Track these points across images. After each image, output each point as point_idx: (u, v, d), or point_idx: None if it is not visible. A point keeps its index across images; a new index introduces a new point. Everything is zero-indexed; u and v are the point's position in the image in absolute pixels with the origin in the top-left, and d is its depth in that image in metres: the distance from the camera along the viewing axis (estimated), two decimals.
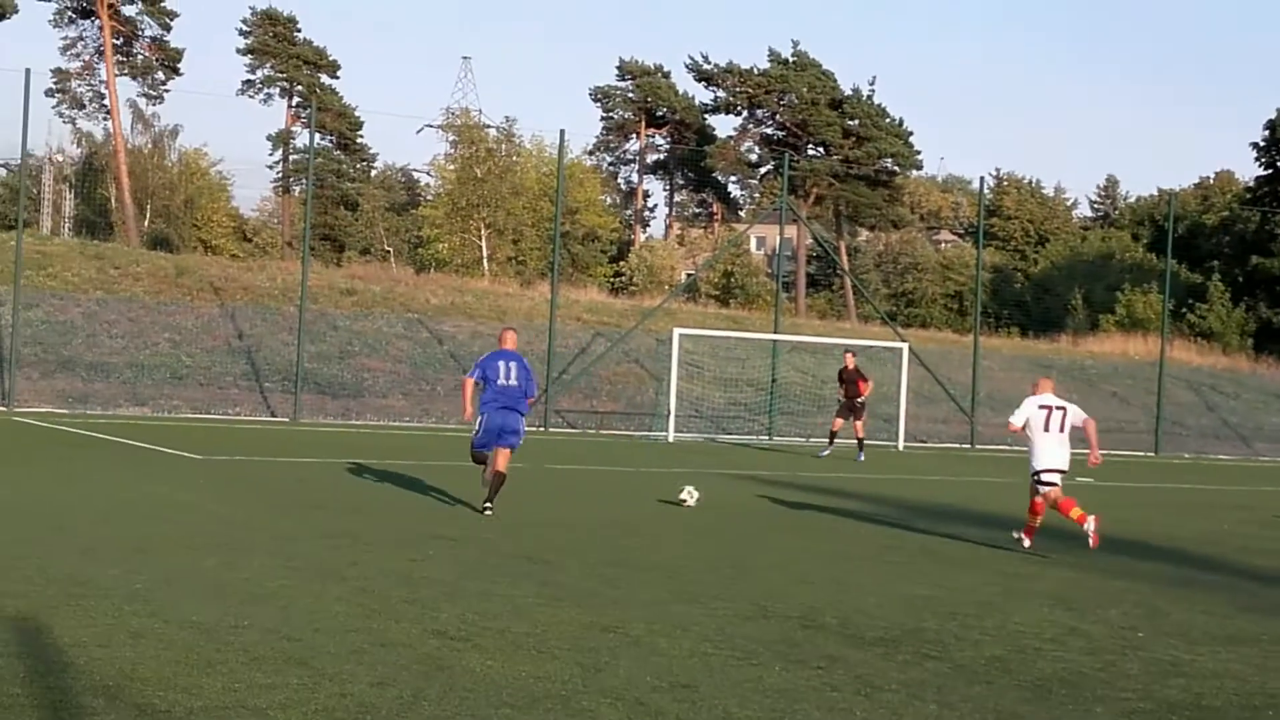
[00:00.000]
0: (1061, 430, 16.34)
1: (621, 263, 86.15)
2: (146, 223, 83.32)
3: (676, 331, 39.79)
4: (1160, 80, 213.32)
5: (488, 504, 16.94)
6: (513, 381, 17.44)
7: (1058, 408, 16.43)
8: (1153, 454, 43.65)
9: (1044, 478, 16.24)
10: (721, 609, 10.76)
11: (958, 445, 42.94)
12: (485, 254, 75.19)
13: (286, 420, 35.36)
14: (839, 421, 33.58)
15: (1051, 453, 16.30)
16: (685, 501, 19.11)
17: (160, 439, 26.56)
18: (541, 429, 37.65)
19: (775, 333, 44.54)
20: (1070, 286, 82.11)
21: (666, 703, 7.68)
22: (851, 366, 33.68)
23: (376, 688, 7.68)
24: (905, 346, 42.61)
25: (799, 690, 8.15)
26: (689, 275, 76.59)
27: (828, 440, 34.10)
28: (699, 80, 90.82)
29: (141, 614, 9.36)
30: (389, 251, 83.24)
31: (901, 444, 40.06)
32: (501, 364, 17.53)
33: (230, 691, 7.44)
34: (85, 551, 12.04)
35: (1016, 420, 16.55)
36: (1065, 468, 16.44)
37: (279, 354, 41.00)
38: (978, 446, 42.33)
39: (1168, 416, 46.96)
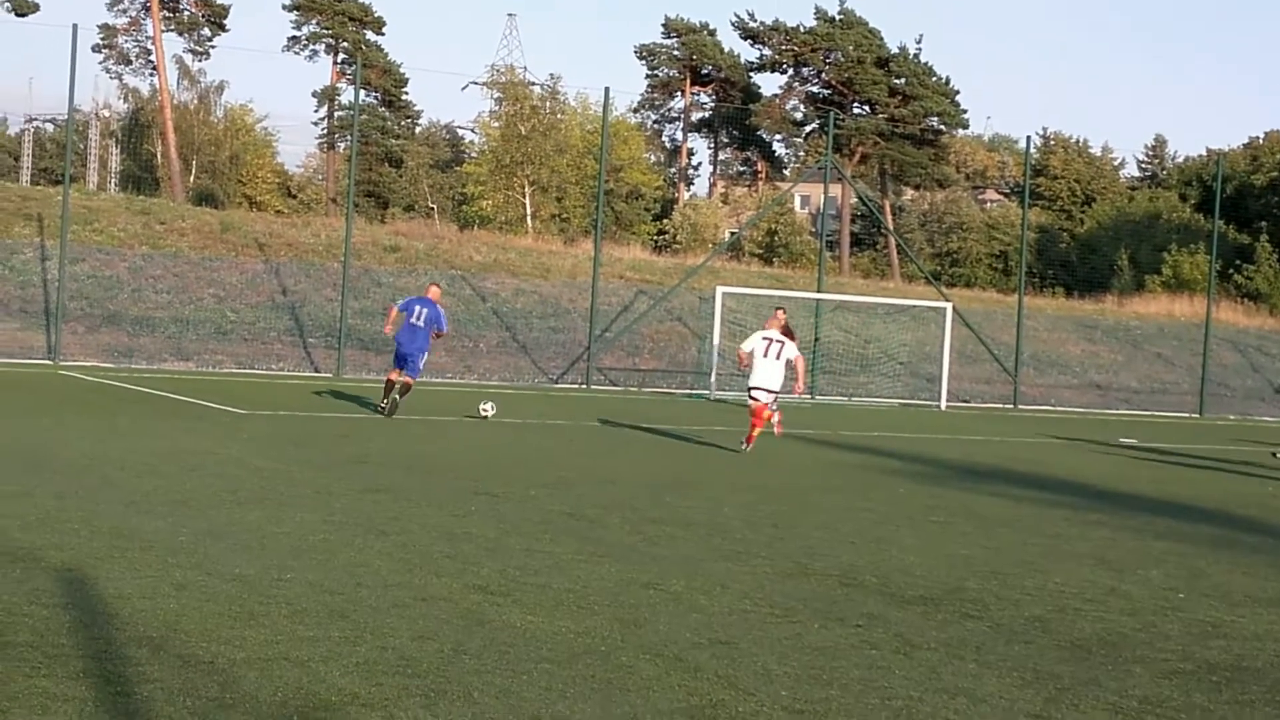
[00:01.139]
0: (777, 359, 21.00)
1: (665, 221, 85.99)
2: (192, 178, 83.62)
3: (719, 290, 39.75)
4: (1209, 39, 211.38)
5: (383, 405, 23.42)
6: (419, 322, 23.67)
7: (777, 341, 21.15)
8: (1197, 415, 43.42)
9: (753, 393, 20.99)
10: (761, 566, 10.78)
11: (1001, 405, 42.82)
12: (529, 211, 75.18)
13: (330, 376, 35.51)
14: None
15: (763, 374, 20.97)
16: (485, 414, 24.01)
17: (204, 394, 26.70)
18: (583, 386, 37.71)
19: (818, 292, 44.43)
20: (1116, 247, 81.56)
21: (705, 659, 7.70)
22: (783, 323, 33.91)
23: (417, 641, 7.73)
24: (949, 306, 42.46)
25: (838, 648, 8.16)
26: (732, 233, 76.46)
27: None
28: (744, 38, 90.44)
29: (185, 566, 9.42)
30: (433, 208, 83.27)
31: (944, 403, 39.97)
32: (417, 306, 24.08)
33: (273, 644, 7.49)
34: (130, 504, 12.13)
35: (745, 347, 21.39)
36: (774, 388, 20.99)
37: (322, 310, 41.15)
38: (1020, 407, 42.19)
39: (1213, 378, 46.71)
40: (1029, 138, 51.66)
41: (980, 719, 6.84)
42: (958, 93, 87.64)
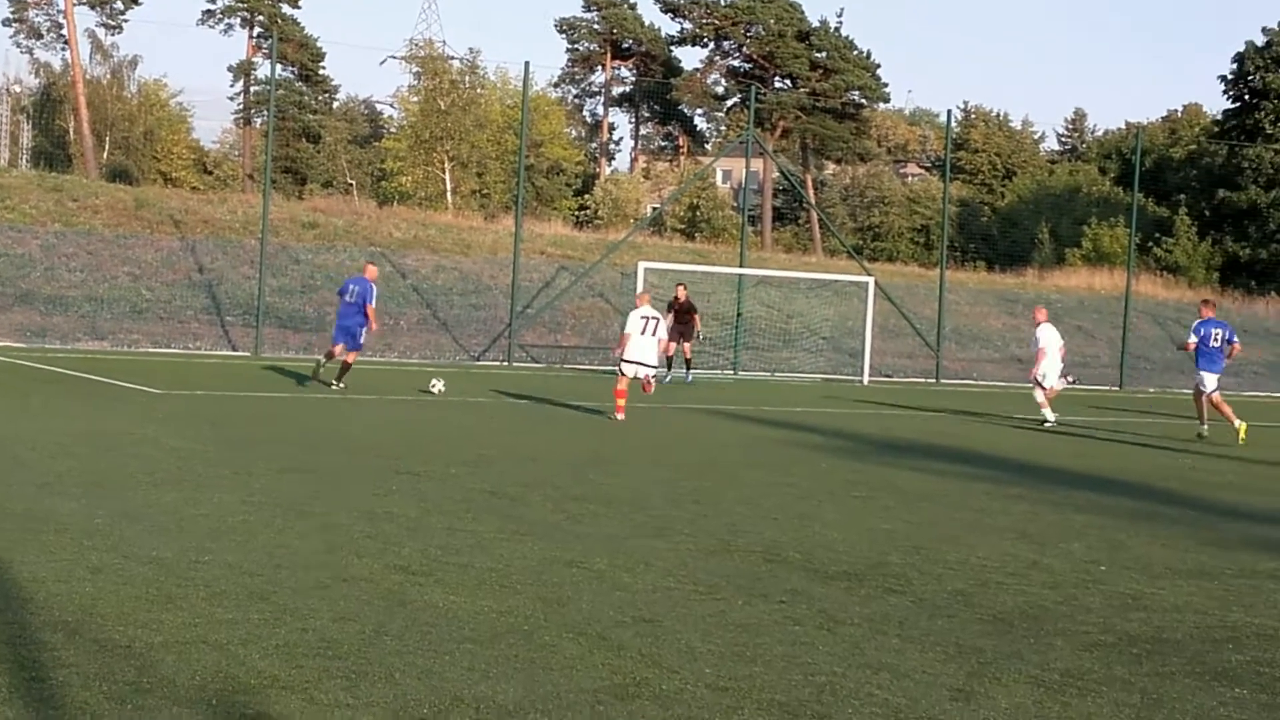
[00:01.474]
0: (654, 335, 23.07)
1: (586, 196, 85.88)
2: (105, 155, 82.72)
3: (641, 265, 39.67)
4: (1128, 12, 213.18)
5: (337, 382, 25.18)
6: (352, 300, 26.18)
7: (653, 318, 23.26)
8: (1117, 388, 43.79)
9: (624, 367, 22.86)
10: (685, 543, 10.75)
11: (923, 380, 43.05)
12: (449, 187, 74.88)
13: (248, 355, 35.22)
14: (671, 345, 34.00)
15: (641, 350, 22.89)
16: (435, 391, 25.48)
17: (119, 373, 26.41)
18: (505, 364, 37.60)
19: (741, 267, 44.46)
20: (1037, 220, 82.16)
21: (629, 637, 7.66)
22: (684, 299, 34.40)
23: (338, 623, 7.64)
24: (871, 280, 42.59)
25: (761, 624, 8.14)
26: (654, 209, 76.39)
27: (666, 369, 34.61)
28: (665, 11, 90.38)
29: (101, 549, 9.29)
30: (351, 185, 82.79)
31: (866, 378, 40.12)
32: (352, 285, 26.71)
33: (191, 627, 7.39)
34: (43, 486, 11.96)
35: (628, 328, 23.07)
36: (652, 362, 23.14)
37: (240, 288, 40.80)
38: (943, 381, 42.43)
39: (1133, 350, 47.14)
40: (950, 112, 51.80)
41: (903, 694, 6.83)
42: (879, 66, 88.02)
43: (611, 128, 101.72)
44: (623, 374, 22.81)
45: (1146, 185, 72.71)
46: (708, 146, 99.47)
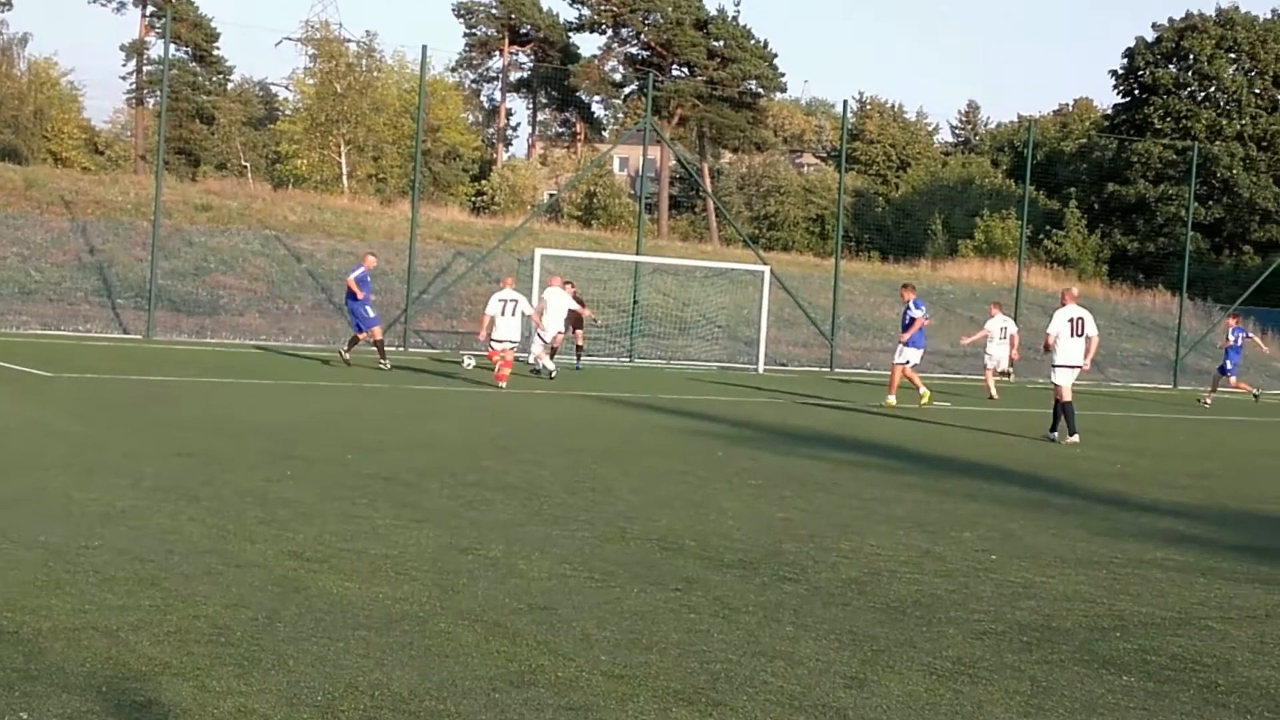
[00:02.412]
0: (514, 315, 26.64)
1: (483, 182, 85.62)
2: None
3: (538, 252, 39.65)
4: (1021, 6, 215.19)
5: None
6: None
7: (513, 300, 26.74)
8: (1009, 379, 44.27)
9: (499, 345, 26.51)
10: (581, 531, 10.75)
11: (818, 368, 43.31)
12: (345, 171, 74.37)
13: (139, 338, 34.82)
14: (561, 336, 34.46)
15: (503, 329, 26.54)
16: (466, 366, 29.25)
17: (7, 356, 26.02)
18: (401, 349, 37.42)
19: (637, 254, 44.51)
20: (930, 211, 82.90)
21: (524, 624, 7.65)
22: (572, 295, 34.87)
23: (230, 609, 7.57)
24: (767, 270, 42.79)
25: (657, 612, 8.16)
26: (551, 195, 76.31)
27: (577, 355, 35.87)
28: None
29: None
30: (246, 167, 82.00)
31: (762, 367, 40.31)
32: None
33: (80, 613, 7.30)
34: None
35: (488, 310, 26.85)
36: (514, 338, 26.81)
37: (132, 270, 40.31)
38: (837, 370, 42.71)
39: (1024, 342, 47.64)
40: (845, 102, 52.26)
41: (798, 681, 6.87)
42: (776, 56, 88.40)
43: (509, 113, 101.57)
44: (492, 349, 26.74)
45: (1038, 178, 73.65)
46: (605, 134, 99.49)
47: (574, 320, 34.47)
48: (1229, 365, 37.40)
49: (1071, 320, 22.27)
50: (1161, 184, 77.00)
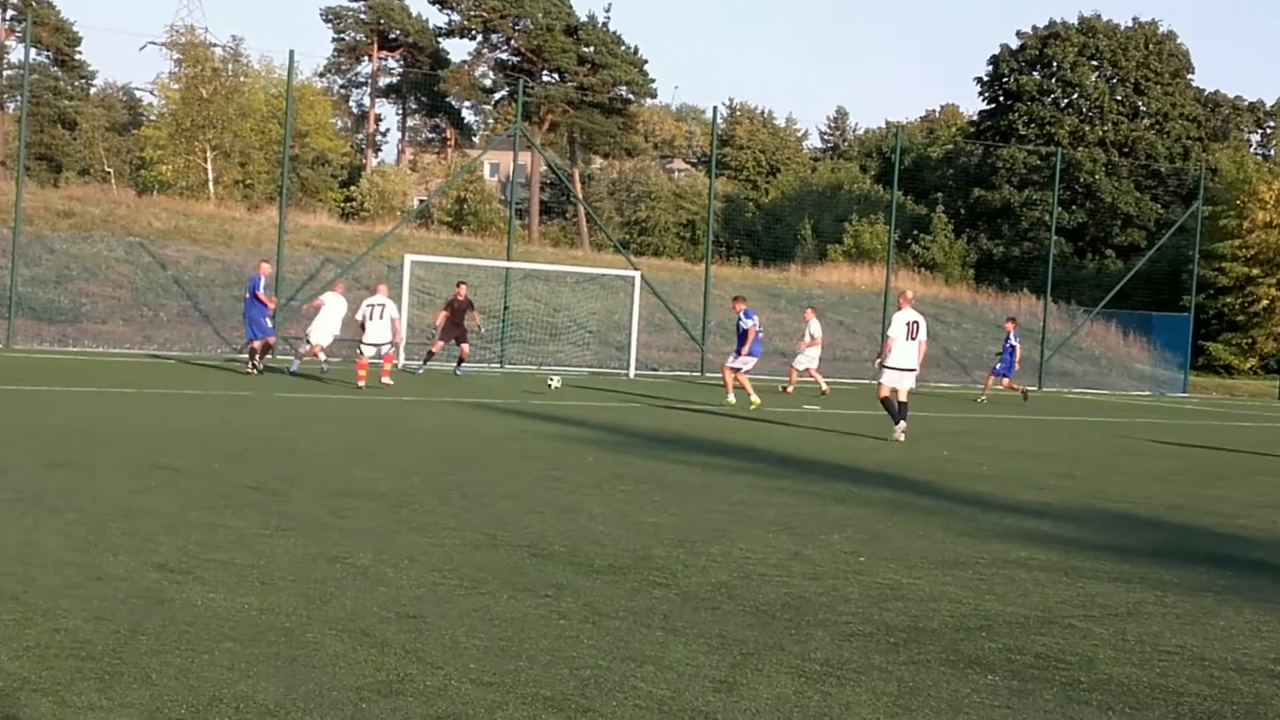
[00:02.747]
0: (380, 320, 28.83)
1: (352, 188, 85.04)
2: None
3: (408, 258, 39.46)
4: (889, 13, 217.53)
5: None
6: (248, 294, 30.16)
7: (379, 304, 29.06)
8: (876, 382, 44.69)
9: (365, 349, 28.71)
10: (450, 538, 10.69)
11: (688, 373, 43.45)
12: (211, 177, 73.46)
13: None
14: (439, 344, 34.88)
15: (371, 334, 28.76)
16: (552, 386, 30.24)
17: None
18: (270, 356, 37.02)
19: (508, 260, 44.42)
20: (800, 216, 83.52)
21: (393, 633, 7.60)
22: (463, 297, 35.21)
23: (92, 622, 7.45)
24: (638, 275, 42.90)
25: (527, 618, 8.13)
26: (421, 201, 75.95)
27: (424, 360, 36.18)
28: (433, 3, 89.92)
29: None
30: (109, 173, 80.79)
31: (633, 372, 40.39)
32: (250, 281, 30.79)
33: None
34: None
35: (359, 315, 29.07)
36: (380, 342, 28.86)
37: None
38: (708, 374, 42.85)
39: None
40: (715, 108, 52.43)
41: (667, 685, 6.87)
42: (646, 62, 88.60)
43: (378, 119, 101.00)
44: (361, 354, 28.70)
45: (905, 184, 74.55)
46: (475, 139, 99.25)
47: (458, 334, 34.74)
48: (999, 367, 39.24)
49: (909, 324, 22.74)
50: (1026, 189, 78.19)
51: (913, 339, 22.70)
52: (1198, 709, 7.04)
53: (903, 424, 22.55)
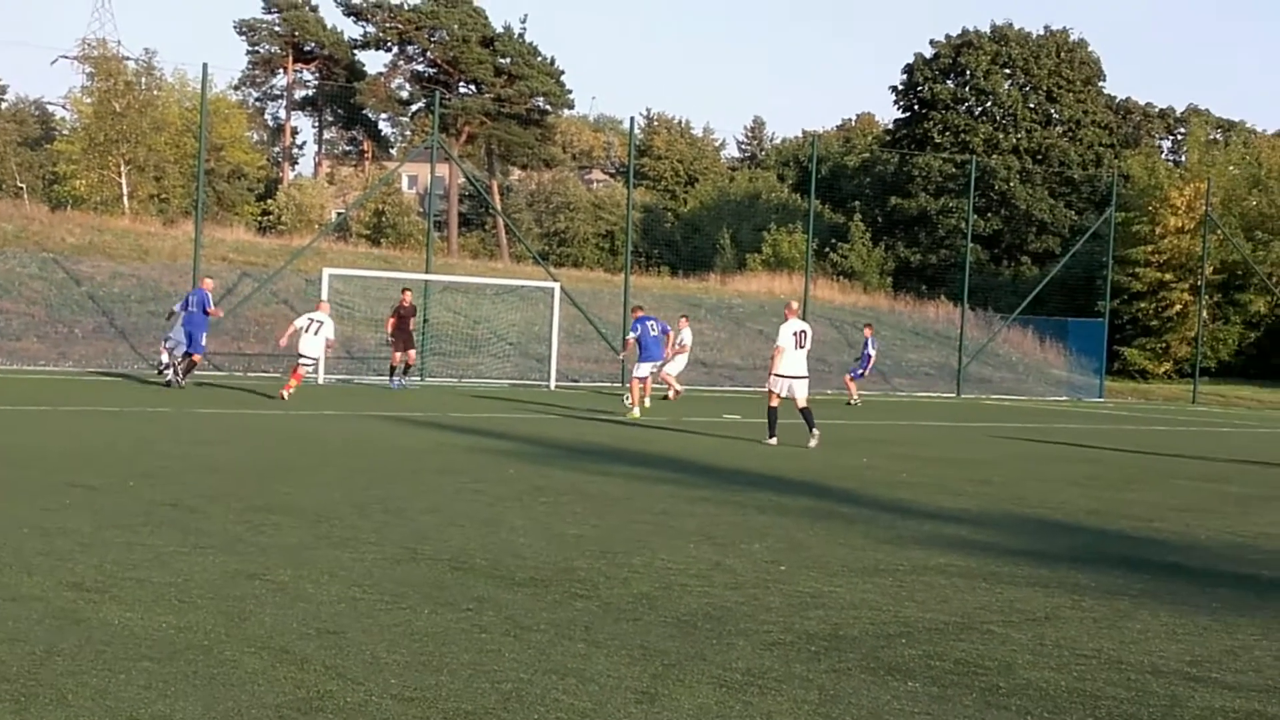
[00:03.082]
0: (316, 334, 29.66)
1: (269, 201, 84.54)
2: None
3: (326, 271, 39.27)
4: (804, 23, 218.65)
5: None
6: (193, 309, 31.04)
7: (318, 321, 29.91)
8: (768, 390, 44.84)
9: (302, 360, 29.68)
10: (370, 553, 10.64)
11: (609, 384, 43.44)
12: (125, 191, 72.84)
13: None
14: (398, 355, 35.37)
15: (305, 346, 29.59)
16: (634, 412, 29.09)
17: None
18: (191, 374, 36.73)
19: (427, 272, 44.29)
20: (719, 226, 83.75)
21: (312, 649, 7.55)
22: (408, 304, 35.71)
23: (7, 643, 7.35)
24: (557, 286, 42.87)
25: (448, 632, 8.10)
26: (339, 214, 75.53)
27: (390, 374, 36.43)
28: (348, 15, 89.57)
29: None
30: (22, 188, 79.85)
31: (553, 383, 40.35)
32: (191, 297, 31.63)
33: None
34: None
35: (296, 324, 30.16)
36: (313, 355, 29.92)
37: None
38: (629, 385, 42.83)
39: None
40: (633, 118, 52.55)
41: (589, 698, 6.87)
42: (563, 73, 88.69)
43: (294, 132, 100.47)
44: (296, 369, 29.68)
45: (823, 192, 74.95)
46: (393, 151, 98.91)
47: (405, 341, 35.29)
48: (856, 370, 41.06)
49: (796, 333, 23.58)
50: (942, 197, 78.79)
51: (801, 348, 23.55)
52: (1115, 712, 7.11)
53: (817, 433, 23.20)
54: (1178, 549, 13.17)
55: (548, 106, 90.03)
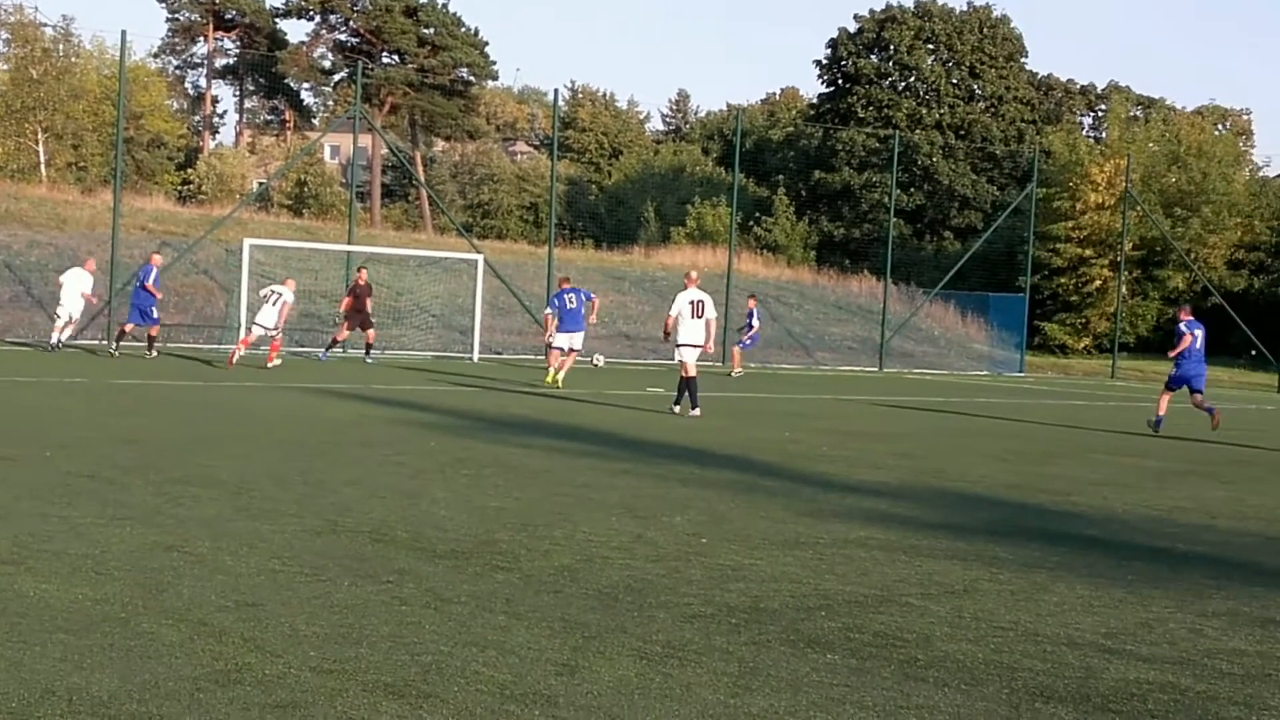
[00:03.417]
0: (274, 305, 30.73)
1: (189, 170, 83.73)
2: None
3: (247, 242, 38.96)
4: None
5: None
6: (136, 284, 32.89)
7: (278, 293, 30.89)
8: (719, 364, 44.93)
9: (253, 327, 31.16)
10: (291, 525, 10.58)
11: (532, 356, 43.36)
12: (43, 159, 71.94)
13: None
14: (345, 331, 35.56)
15: (261, 316, 30.67)
16: (597, 362, 31.76)
17: None
18: (104, 341, 36.41)
19: (349, 244, 44.05)
20: (643, 199, 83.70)
21: (231, 622, 7.50)
22: (364, 282, 35.85)
23: None
24: (480, 258, 42.75)
25: (368, 605, 8.07)
26: (260, 184, 74.98)
27: (328, 346, 36.91)
28: None
29: None
30: None
31: (476, 355, 40.26)
32: (140, 272, 33.11)
33: None
34: None
35: (263, 293, 31.27)
36: (267, 324, 30.69)
37: None
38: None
39: (733, 326, 48.44)
40: (557, 90, 52.31)
41: (509, 670, 6.86)
42: (487, 44, 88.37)
43: (215, 101, 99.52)
44: (250, 331, 31.28)
45: (747, 166, 75.03)
46: (315, 121, 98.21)
47: (362, 321, 35.49)
48: (745, 341, 41.42)
49: (692, 303, 23.66)
50: (865, 171, 79.08)
51: (698, 317, 23.64)
52: (1031, 684, 7.17)
53: (698, 408, 23.40)
54: (1095, 522, 13.30)
55: (472, 78, 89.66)
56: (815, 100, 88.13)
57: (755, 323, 41.25)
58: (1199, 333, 25.67)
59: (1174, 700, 7.01)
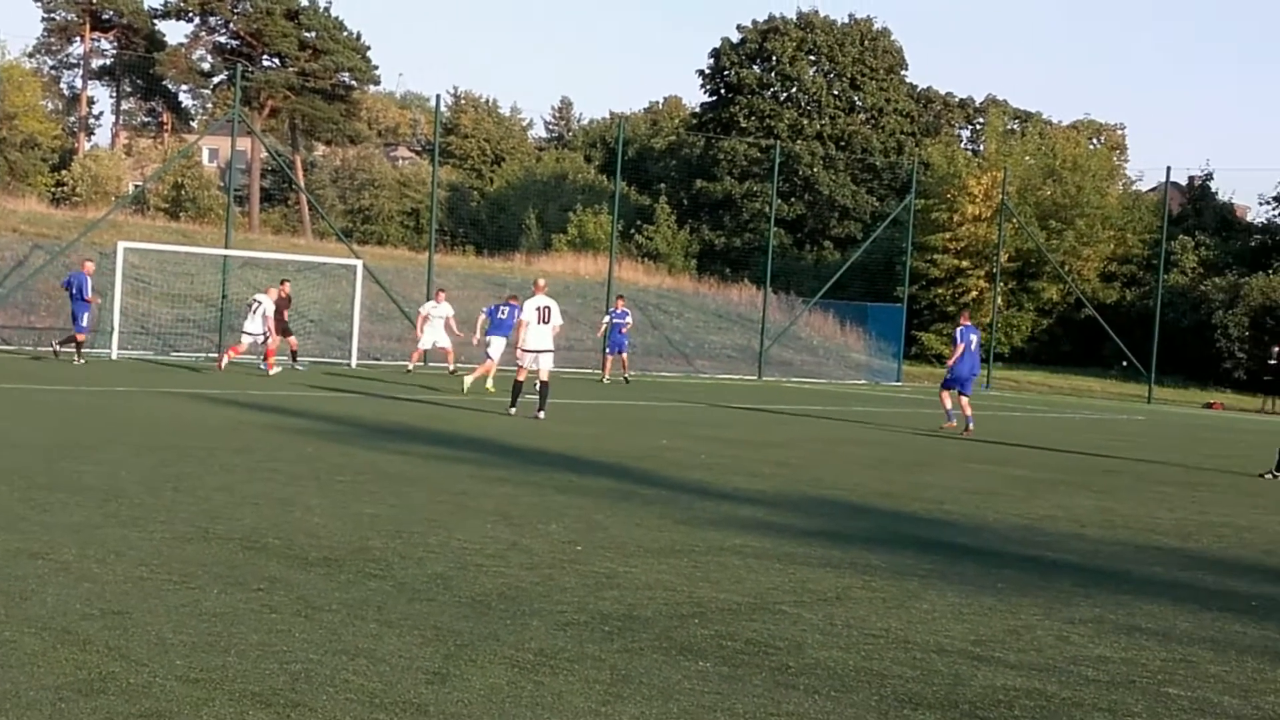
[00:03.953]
0: (255, 313, 32.73)
1: (64, 172, 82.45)
2: None
3: (121, 245, 38.45)
4: (613, 3, 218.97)
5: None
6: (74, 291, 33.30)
7: (259, 302, 32.64)
8: (600, 371, 44.93)
9: (242, 337, 32.30)
10: (160, 532, 10.44)
11: (411, 364, 43.08)
12: None
13: None
14: (283, 340, 35.74)
15: (246, 325, 32.39)
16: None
17: None
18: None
19: (226, 248, 43.58)
20: (525, 206, 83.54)
21: (96, 630, 7.39)
22: (286, 294, 35.94)
23: None
24: (360, 264, 42.51)
25: (237, 613, 7.99)
26: (136, 186, 74.02)
27: (293, 356, 36.91)
28: None
29: None
30: None
31: (355, 361, 40.00)
32: (74, 280, 33.42)
33: None
34: None
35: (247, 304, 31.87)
36: (253, 332, 32.60)
37: None
38: (430, 365, 42.61)
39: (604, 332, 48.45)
40: (439, 96, 52.12)
41: (380, 678, 6.82)
42: (369, 48, 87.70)
43: (91, 102, 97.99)
44: (240, 341, 33.10)
45: (629, 174, 75.17)
46: (194, 124, 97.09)
47: (286, 329, 35.50)
48: (614, 345, 41.27)
49: (539, 309, 24.54)
50: (747, 181, 79.45)
51: (545, 323, 24.47)
52: (900, 691, 7.23)
53: (543, 415, 23.93)
54: (967, 531, 13.45)
55: (353, 82, 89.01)
56: (698, 109, 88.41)
57: (620, 320, 40.88)
58: (974, 338, 27.72)
59: (1040, 707, 7.10)
